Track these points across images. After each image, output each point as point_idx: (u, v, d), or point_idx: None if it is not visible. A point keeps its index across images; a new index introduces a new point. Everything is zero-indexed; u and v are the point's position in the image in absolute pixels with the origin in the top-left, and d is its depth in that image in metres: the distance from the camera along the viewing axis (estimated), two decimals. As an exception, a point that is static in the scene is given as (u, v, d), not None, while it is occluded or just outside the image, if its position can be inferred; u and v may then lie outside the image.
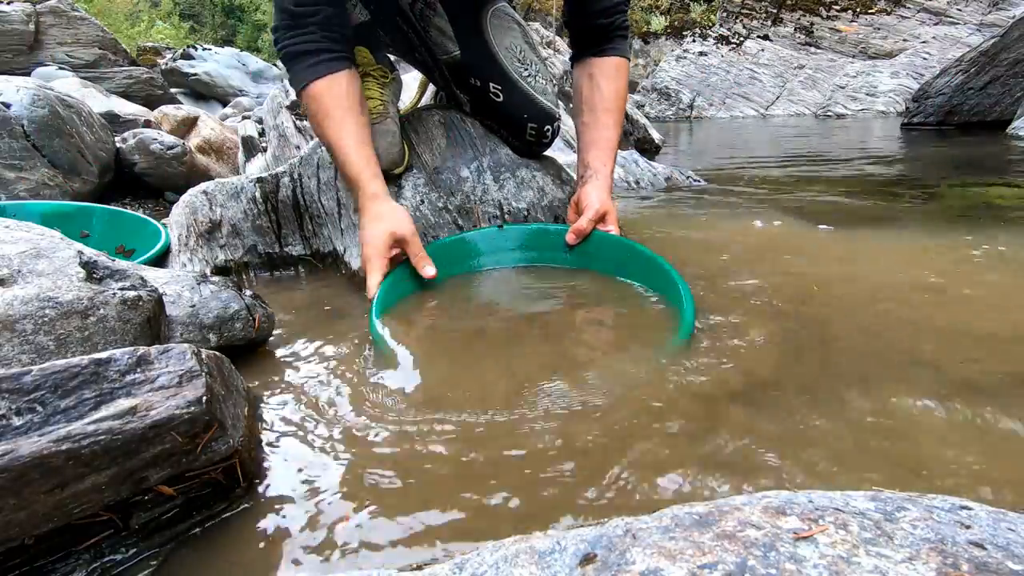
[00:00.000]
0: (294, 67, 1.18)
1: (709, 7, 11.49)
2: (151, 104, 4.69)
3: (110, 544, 0.54)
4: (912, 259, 1.34)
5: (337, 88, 1.16)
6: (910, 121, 5.43)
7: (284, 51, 1.18)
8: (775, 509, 0.40)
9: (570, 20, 1.37)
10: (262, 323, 0.97)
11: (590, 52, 1.35)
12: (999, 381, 0.78)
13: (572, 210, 1.30)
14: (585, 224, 1.21)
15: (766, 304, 1.06)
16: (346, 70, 1.18)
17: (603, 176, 1.28)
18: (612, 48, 1.34)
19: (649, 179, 2.70)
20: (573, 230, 1.22)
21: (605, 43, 1.34)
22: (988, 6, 8.11)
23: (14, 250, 0.75)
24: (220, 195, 1.42)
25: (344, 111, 1.16)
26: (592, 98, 1.33)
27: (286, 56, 1.18)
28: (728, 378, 0.80)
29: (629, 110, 3.82)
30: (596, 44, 1.34)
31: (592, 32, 1.34)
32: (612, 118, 1.32)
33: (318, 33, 1.16)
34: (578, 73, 1.38)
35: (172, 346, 0.60)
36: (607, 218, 1.24)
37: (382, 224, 1.11)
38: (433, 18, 1.35)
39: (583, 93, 1.36)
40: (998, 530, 0.36)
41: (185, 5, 22.07)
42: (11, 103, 2.24)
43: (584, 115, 1.35)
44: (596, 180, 1.28)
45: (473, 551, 0.42)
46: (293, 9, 1.15)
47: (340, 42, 1.19)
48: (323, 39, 1.16)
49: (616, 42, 1.35)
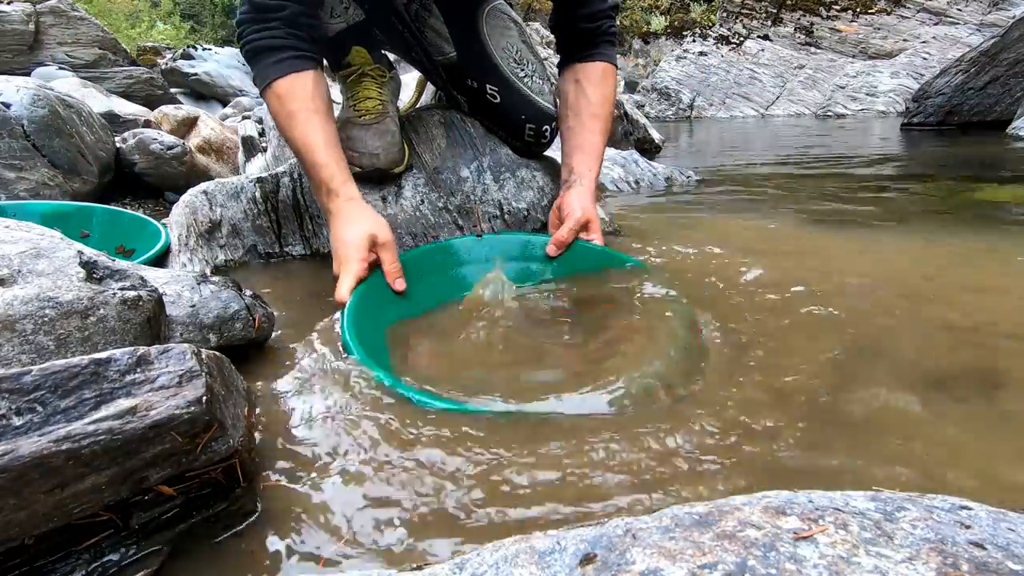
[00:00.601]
0: (257, 63, 1.13)
1: (709, 7, 11.49)
2: (151, 104, 4.69)
3: (110, 544, 0.54)
4: (910, 258, 1.34)
5: (302, 87, 1.11)
6: (910, 121, 5.43)
7: (248, 46, 1.13)
8: (775, 509, 0.40)
9: (556, 25, 1.34)
10: (262, 323, 0.97)
11: (576, 57, 1.33)
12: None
13: (554, 216, 1.27)
14: (566, 234, 1.17)
15: (769, 303, 1.06)
16: (312, 69, 1.13)
17: (587, 181, 1.25)
18: (599, 53, 1.32)
19: (649, 179, 2.70)
20: (554, 241, 1.17)
21: (591, 48, 1.32)
22: (988, 6, 8.12)
23: (14, 250, 0.75)
24: (220, 195, 1.42)
25: (310, 112, 1.11)
26: (578, 103, 1.31)
27: (250, 51, 1.13)
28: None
29: (629, 110, 3.82)
30: (583, 49, 1.32)
31: (578, 37, 1.32)
32: (598, 124, 1.30)
33: (283, 29, 1.11)
34: (564, 78, 1.35)
35: (172, 346, 0.60)
36: (590, 227, 1.20)
37: (362, 226, 1.06)
38: (428, 19, 1.34)
39: (569, 98, 1.33)
40: (998, 530, 0.36)
41: (185, 5, 22.07)
42: (11, 103, 2.24)
43: (569, 120, 1.32)
44: (579, 186, 1.25)
45: (473, 551, 0.42)
46: (258, 2, 1.11)
47: (307, 41, 1.14)
48: (288, 36, 1.11)
49: (602, 47, 1.32)
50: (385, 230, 1.07)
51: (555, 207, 1.28)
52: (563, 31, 1.34)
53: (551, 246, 1.18)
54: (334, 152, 1.12)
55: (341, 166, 1.12)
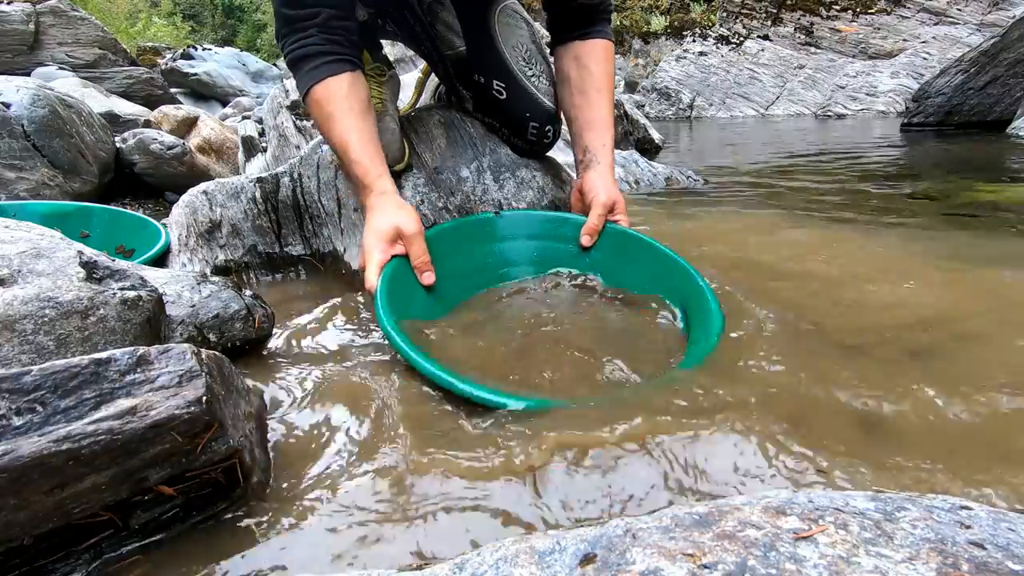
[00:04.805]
0: (297, 73, 1.14)
1: (709, 7, 11.49)
2: (151, 104, 4.70)
3: (110, 544, 0.54)
4: (909, 258, 1.34)
5: (338, 89, 1.12)
6: (910, 121, 5.42)
7: (288, 57, 1.15)
8: (775, 509, 0.40)
9: (550, 2, 1.32)
10: (262, 323, 0.97)
11: (575, 35, 1.31)
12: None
13: (576, 198, 1.26)
14: (596, 221, 1.16)
15: (768, 302, 1.06)
16: (348, 72, 1.13)
17: (604, 160, 1.24)
18: (597, 31, 1.30)
19: (649, 179, 2.70)
20: (586, 231, 1.16)
21: (590, 26, 1.30)
22: (988, 6, 8.11)
23: (14, 250, 0.75)
24: (220, 195, 1.42)
25: (344, 112, 1.11)
26: (582, 80, 1.29)
27: (290, 63, 1.15)
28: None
29: (629, 110, 3.82)
30: (581, 26, 1.30)
31: (576, 14, 1.30)
32: (604, 98, 1.28)
33: (319, 36, 1.12)
34: (562, 57, 1.33)
35: (172, 346, 0.60)
36: (616, 208, 1.19)
37: (389, 218, 1.05)
38: (440, 12, 1.34)
39: (571, 77, 1.31)
40: (998, 530, 0.36)
41: (185, 5, 22.07)
42: (11, 103, 2.24)
43: (575, 97, 1.30)
44: (598, 165, 1.23)
45: (473, 551, 0.42)
46: (288, 13, 1.12)
47: (344, 44, 1.14)
48: (324, 42, 1.12)
49: (600, 24, 1.31)
50: (412, 222, 1.05)
51: (576, 189, 1.26)
52: (560, 7, 1.31)
53: (584, 236, 1.17)
54: (370, 148, 1.12)
55: (376, 162, 1.12)
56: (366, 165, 1.10)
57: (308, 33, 1.12)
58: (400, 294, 0.98)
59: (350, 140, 1.11)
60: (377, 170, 1.11)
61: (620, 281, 1.12)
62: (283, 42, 1.15)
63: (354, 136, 1.11)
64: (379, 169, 1.11)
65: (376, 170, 1.11)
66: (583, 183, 1.24)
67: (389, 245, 1.03)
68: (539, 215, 1.25)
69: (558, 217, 1.24)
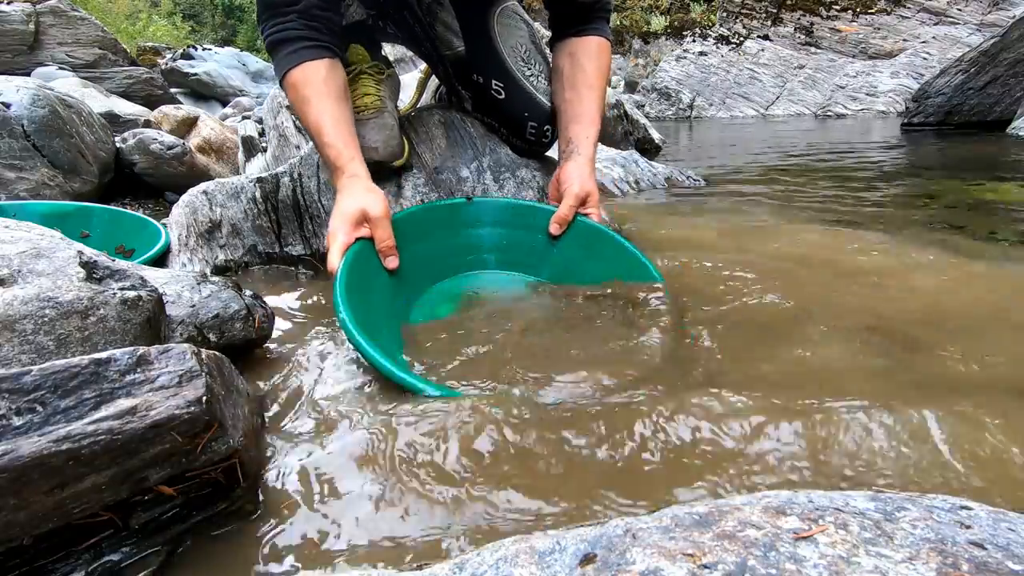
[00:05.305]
0: (275, 56, 1.15)
1: (709, 7, 11.49)
2: (151, 104, 4.70)
3: (110, 544, 0.54)
4: (908, 258, 1.34)
5: (315, 74, 1.12)
6: (910, 121, 5.42)
7: (267, 40, 1.16)
8: (775, 509, 0.40)
9: (551, 0, 1.33)
10: (262, 323, 0.97)
11: (571, 32, 1.32)
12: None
13: (553, 188, 1.27)
14: (566, 211, 1.17)
15: (763, 299, 1.06)
16: (325, 58, 1.14)
17: (585, 153, 1.25)
18: (593, 28, 1.32)
19: (649, 179, 2.70)
20: (555, 219, 1.18)
21: (587, 23, 1.31)
22: (988, 6, 8.11)
23: (14, 250, 0.75)
24: (220, 195, 1.42)
25: (321, 95, 1.11)
26: (574, 76, 1.30)
27: (269, 46, 1.16)
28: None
29: (629, 110, 3.82)
30: (578, 24, 1.31)
31: (575, 11, 1.31)
32: (594, 94, 1.29)
33: (298, 22, 1.13)
34: (558, 53, 1.34)
35: (172, 346, 0.60)
36: (589, 200, 1.20)
37: (356, 201, 1.04)
38: (440, 13, 1.34)
39: (564, 72, 1.32)
40: (998, 530, 0.36)
41: (185, 5, 22.08)
42: (11, 103, 2.24)
43: (565, 92, 1.31)
44: (579, 157, 1.24)
45: (473, 551, 0.42)
46: (270, 0, 1.13)
47: (323, 32, 1.15)
48: (303, 27, 1.13)
49: (597, 23, 1.32)
50: (378, 205, 1.04)
51: (554, 178, 1.28)
52: (560, 5, 1.33)
53: (554, 224, 1.18)
54: (343, 131, 1.12)
55: (348, 145, 1.12)
56: (339, 148, 1.11)
57: (288, 18, 1.13)
58: (362, 277, 0.97)
59: (324, 123, 1.11)
60: (349, 153, 1.11)
61: (579, 275, 1.14)
62: (263, 26, 1.16)
63: (328, 119, 1.11)
64: (351, 152, 1.12)
65: (348, 153, 1.11)
66: (560, 173, 1.25)
67: (354, 228, 1.03)
68: (510, 203, 1.26)
69: (529, 206, 1.24)
